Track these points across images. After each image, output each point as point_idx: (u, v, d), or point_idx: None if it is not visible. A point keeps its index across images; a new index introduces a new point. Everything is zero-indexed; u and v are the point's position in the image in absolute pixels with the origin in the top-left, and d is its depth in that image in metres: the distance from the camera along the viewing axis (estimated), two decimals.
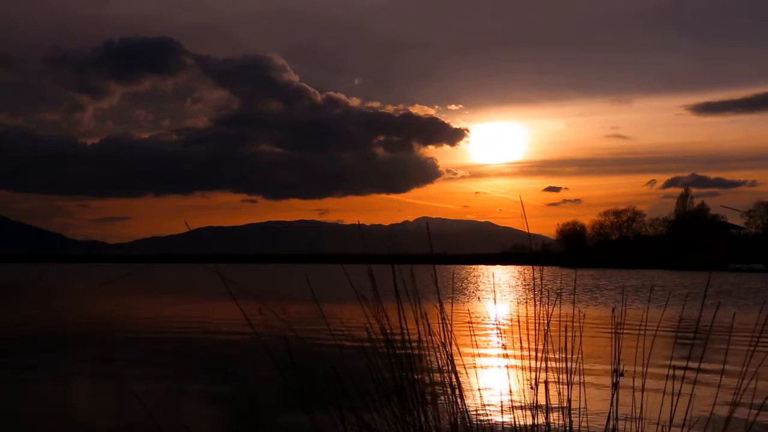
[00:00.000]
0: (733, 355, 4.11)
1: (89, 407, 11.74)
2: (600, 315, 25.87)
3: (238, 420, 10.57)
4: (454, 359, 3.89)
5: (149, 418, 9.29)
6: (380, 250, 6.86)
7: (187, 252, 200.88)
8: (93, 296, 43.89)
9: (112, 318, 27.71)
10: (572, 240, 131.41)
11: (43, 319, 27.91)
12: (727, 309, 3.91)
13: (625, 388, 3.75)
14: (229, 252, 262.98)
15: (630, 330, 4.22)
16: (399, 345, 3.86)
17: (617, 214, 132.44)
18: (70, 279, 74.26)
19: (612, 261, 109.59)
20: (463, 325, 13.71)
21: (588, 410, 4.04)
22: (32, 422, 10.27)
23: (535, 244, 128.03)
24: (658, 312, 25.64)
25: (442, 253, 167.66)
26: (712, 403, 3.61)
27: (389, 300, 3.99)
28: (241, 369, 15.13)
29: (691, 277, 65.36)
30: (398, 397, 3.73)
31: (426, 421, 3.74)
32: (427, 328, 3.93)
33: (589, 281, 59.26)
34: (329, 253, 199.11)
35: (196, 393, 12.83)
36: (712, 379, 3.71)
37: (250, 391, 12.68)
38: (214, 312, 29.88)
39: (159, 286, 59.50)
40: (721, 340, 4.28)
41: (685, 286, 49.44)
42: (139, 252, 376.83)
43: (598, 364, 12.30)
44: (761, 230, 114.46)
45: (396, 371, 3.75)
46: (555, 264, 69.75)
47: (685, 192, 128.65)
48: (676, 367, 3.64)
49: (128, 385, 13.07)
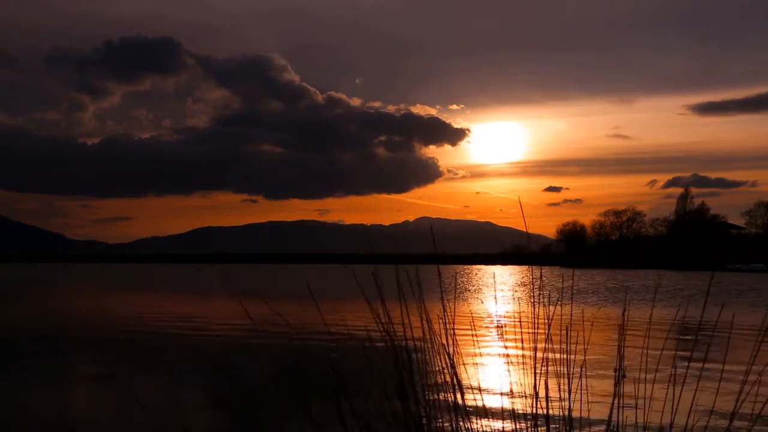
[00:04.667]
0: (736, 356, 4.10)
1: (88, 408, 11.72)
2: (600, 315, 25.86)
3: (238, 420, 10.56)
4: (454, 359, 3.88)
5: (148, 419, 9.28)
6: (381, 250, 6.84)
7: (188, 252, 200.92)
8: (93, 296, 43.88)
9: (111, 318, 27.70)
10: (572, 240, 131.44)
11: (43, 319, 27.89)
12: (728, 309, 3.90)
13: (626, 388, 3.74)
14: (229, 252, 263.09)
15: (631, 330, 4.21)
16: (400, 345, 3.84)
17: (617, 214, 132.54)
18: (70, 279, 74.26)
19: (612, 261, 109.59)
20: (464, 324, 13.70)
21: (589, 410, 4.03)
22: (31, 422, 10.26)
23: (535, 244, 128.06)
24: (658, 312, 25.63)
25: (443, 253, 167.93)
26: (713, 403, 3.60)
27: (390, 300, 3.98)
28: (242, 369, 15.12)
29: (691, 277, 65.36)
30: (398, 397, 3.72)
31: (426, 421, 3.73)
32: (428, 328, 3.92)
33: (589, 281, 59.26)
34: (329, 254, 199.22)
35: (195, 393, 12.82)
36: (714, 380, 3.70)
37: (250, 391, 12.67)
38: (213, 312, 29.89)
39: (159, 286, 59.49)
40: (723, 340, 4.27)
41: (685, 286, 49.43)
42: (139, 252, 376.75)
43: (599, 364, 12.29)
44: (761, 230, 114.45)
45: (396, 371, 3.74)
46: (555, 264, 69.73)
47: (685, 192, 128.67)
48: (677, 368, 3.63)
49: (127, 386, 13.07)
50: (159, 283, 65.14)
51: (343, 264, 14.33)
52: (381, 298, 3.86)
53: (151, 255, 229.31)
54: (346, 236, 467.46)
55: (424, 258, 5.26)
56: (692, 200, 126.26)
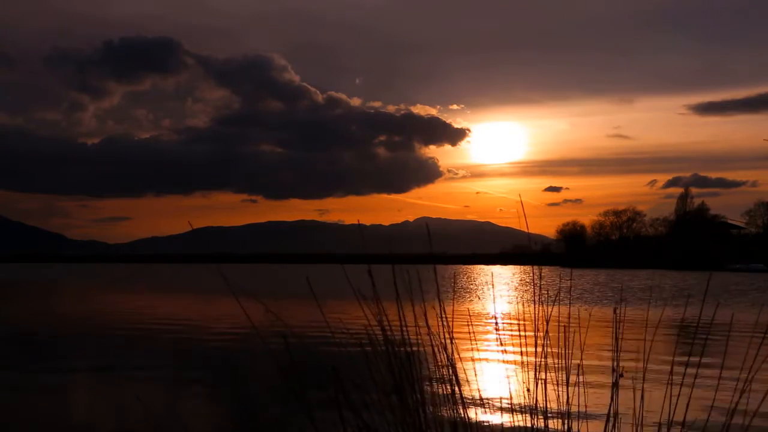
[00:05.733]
0: (734, 354, 4.12)
1: (88, 407, 11.74)
2: (600, 315, 25.88)
3: (238, 420, 10.57)
4: (453, 359, 3.89)
5: (148, 418, 9.30)
6: (381, 250, 6.86)
7: (188, 252, 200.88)
8: (92, 296, 43.88)
9: (111, 318, 27.71)
10: (572, 240, 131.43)
11: (41, 319, 27.90)
12: (726, 309, 3.90)
13: (624, 388, 3.75)
14: (229, 252, 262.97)
15: (630, 330, 4.23)
16: (399, 345, 3.86)
17: (617, 214, 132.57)
18: (70, 279, 74.26)
19: (612, 261, 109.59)
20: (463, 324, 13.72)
21: (587, 410, 4.04)
22: (32, 422, 10.27)
23: (535, 244, 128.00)
24: (658, 312, 25.64)
25: (442, 253, 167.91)
26: (711, 403, 3.62)
27: (389, 300, 3.99)
28: (241, 368, 15.13)
29: (691, 277, 65.36)
30: (398, 397, 3.73)
31: (426, 421, 3.75)
32: (427, 328, 3.94)
33: (588, 281, 59.26)
34: (329, 253, 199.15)
35: (195, 393, 12.83)
36: (712, 379, 3.71)
37: (250, 391, 12.69)
38: (213, 311, 29.89)
39: (159, 286, 59.49)
40: (721, 339, 4.29)
41: (684, 286, 49.44)
42: (139, 252, 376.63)
43: (597, 363, 12.30)
44: (761, 230, 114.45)
45: (396, 371, 3.75)
46: (555, 264, 69.71)
47: (685, 192, 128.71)
48: (675, 367, 3.65)
49: (127, 385, 13.08)
50: (159, 283, 65.14)
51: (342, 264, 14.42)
52: (377, 297, 3.87)
53: (152, 255, 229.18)
54: (346, 236, 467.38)
55: (423, 258, 5.28)
56: (692, 200, 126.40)
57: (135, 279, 72.06)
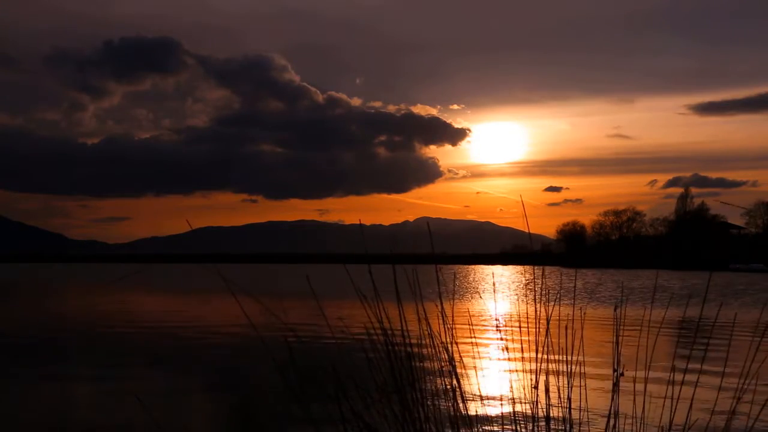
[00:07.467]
0: (736, 354, 4.10)
1: (89, 407, 11.72)
2: (601, 315, 25.86)
3: (238, 420, 10.56)
4: (454, 358, 3.88)
5: (149, 418, 9.28)
6: (381, 250, 6.85)
7: (188, 252, 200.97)
8: (92, 296, 43.86)
9: (111, 318, 27.68)
10: (572, 240, 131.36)
11: (42, 319, 27.89)
12: (728, 309, 3.90)
13: (625, 388, 3.74)
14: (229, 252, 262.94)
15: (631, 330, 4.21)
16: (399, 344, 3.85)
17: (617, 214, 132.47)
18: (70, 279, 74.24)
19: (612, 261, 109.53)
20: (464, 324, 13.72)
21: (588, 410, 4.03)
22: (32, 422, 10.26)
23: (535, 244, 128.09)
24: (658, 312, 25.60)
25: (442, 253, 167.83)
26: (713, 403, 3.60)
27: (390, 299, 3.98)
28: (241, 368, 15.11)
29: (691, 277, 65.33)
30: (398, 397, 3.72)
31: (426, 421, 3.73)
32: (428, 328, 3.92)
33: (589, 281, 59.23)
34: (329, 253, 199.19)
35: (195, 392, 12.82)
36: (713, 380, 3.70)
37: (250, 391, 12.67)
38: (213, 311, 29.88)
39: (159, 286, 59.47)
40: (723, 339, 4.27)
41: (685, 286, 49.42)
42: (139, 252, 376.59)
43: (598, 364, 12.28)
44: (761, 230, 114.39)
45: (396, 371, 3.74)
46: (555, 264, 69.66)
47: (685, 192, 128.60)
48: (677, 368, 3.63)
49: (128, 385, 13.07)
50: (159, 283, 65.10)
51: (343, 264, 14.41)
52: (378, 297, 3.86)
53: (152, 255, 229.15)
54: (346, 236, 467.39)
55: (422, 258, 5.26)
56: (692, 200, 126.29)
57: (134, 279, 72.03)
